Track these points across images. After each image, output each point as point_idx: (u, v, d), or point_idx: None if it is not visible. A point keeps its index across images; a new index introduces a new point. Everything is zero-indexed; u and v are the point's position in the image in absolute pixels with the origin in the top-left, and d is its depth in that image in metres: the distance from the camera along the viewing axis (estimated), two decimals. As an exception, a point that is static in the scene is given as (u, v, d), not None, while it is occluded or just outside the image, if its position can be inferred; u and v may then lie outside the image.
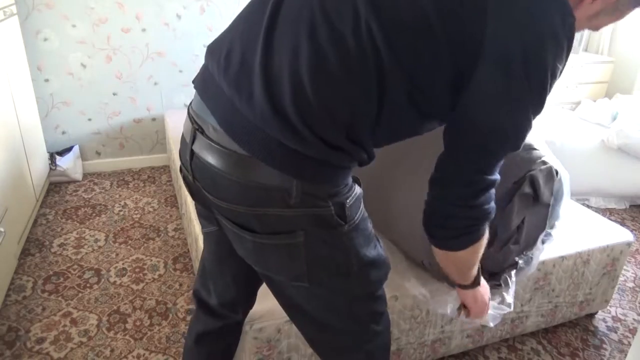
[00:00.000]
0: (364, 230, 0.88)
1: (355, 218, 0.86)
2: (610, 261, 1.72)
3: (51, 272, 2.03)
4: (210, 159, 0.82)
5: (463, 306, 1.16)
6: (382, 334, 1.01)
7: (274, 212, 0.80)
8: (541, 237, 1.43)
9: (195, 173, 0.88)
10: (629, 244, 1.72)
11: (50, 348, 1.64)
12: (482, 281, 1.10)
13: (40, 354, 1.61)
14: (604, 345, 1.76)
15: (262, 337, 1.25)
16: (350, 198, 0.84)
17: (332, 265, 0.87)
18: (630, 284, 2.11)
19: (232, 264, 1.04)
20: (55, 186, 2.78)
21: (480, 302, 1.12)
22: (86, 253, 2.16)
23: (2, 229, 1.76)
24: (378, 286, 0.96)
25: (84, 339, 1.68)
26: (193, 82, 0.90)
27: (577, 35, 3.59)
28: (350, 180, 0.86)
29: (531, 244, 1.41)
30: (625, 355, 1.69)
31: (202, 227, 1.06)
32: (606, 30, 3.77)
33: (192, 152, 0.86)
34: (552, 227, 1.44)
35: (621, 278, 2.13)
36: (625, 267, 2.21)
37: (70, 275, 2.01)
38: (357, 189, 0.88)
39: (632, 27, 3.69)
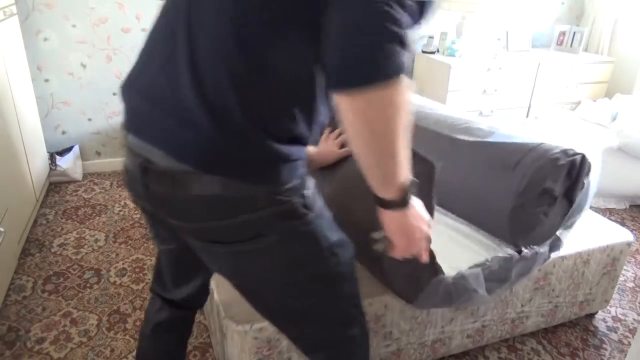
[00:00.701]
0: (326, 217, 0.90)
1: (318, 205, 0.87)
2: (610, 261, 1.73)
3: (51, 272, 2.03)
4: (167, 187, 0.81)
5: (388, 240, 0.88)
6: (361, 318, 1.03)
7: (242, 219, 0.80)
8: (550, 240, 1.41)
9: (154, 203, 0.87)
10: (629, 244, 1.72)
11: (50, 348, 1.64)
12: (417, 204, 0.84)
13: (40, 354, 1.61)
14: (604, 345, 1.76)
15: (262, 337, 1.25)
16: (307, 188, 0.85)
17: (307, 254, 0.87)
18: (630, 284, 2.11)
19: (190, 273, 1.09)
20: (55, 186, 2.78)
21: (409, 235, 0.84)
22: (86, 253, 2.16)
23: (2, 229, 1.76)
24: (349, 267, 0.96)
25: (84, 339, 1.68)
26: (124, 123, 0.88)
27: (577, 35, 3.56)
28: (304, 171, 0.85)
29: (539, 240, 1.39)
30: (625, 355, 1.69)
31: (159, 245, 1.07)
32: (606, 30, 3.77)
33: (146, 185, 0.84)
34: (569, 227, 1.41)
35: (621, 278, 2.13)
36: (625, 267, 2.21)
37: (70, 275, 2.01)
38: (311, 180, 0.88)
39: (632, 27, 3.69)
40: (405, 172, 0.76)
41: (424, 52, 3.52)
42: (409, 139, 0.72)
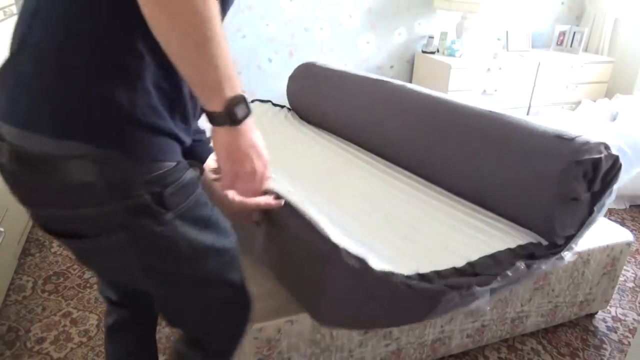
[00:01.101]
0: (197, 217, 0.80)
1: (182, 205, 0.77)
2: (610, 261, 1.73)
3: (51, 272, 2.03)
4: (12, 164, 0.73)
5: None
6: (241, 311, 1.00)
7: (85, 212, 0.72)
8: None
9: (10, 186, 0.78)
10: (629, 244, 1.72)
11: (50, 348, 1.64)
12: (254, 133, 0.77)
13: (40, 354, 1.61)
14: (604, 345, 1.76)
15: (262, 337, 1.25)
16: (173, 186, 0.74)
17: (164, 256, 0.80)
18: (630, 284, 2.11)
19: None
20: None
21: (236, 160, 0.76)
22: (86, 253, 2.16)
23: (2, 229, 1.76)
24: (223, 274, 0.90)
25: (84, 339, 1.68)
26: None
27: (577, 35, 3.56)
28: (171, 164, 0.74)
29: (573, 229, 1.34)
30: (625, 355, 1.69)
31: None
32: (606, 30, 3.77)
33: (2, 166, 0.76)
34: (580, 236, 1.35)
35: (621, 278, 2.13)
36: (625, 267, 2.21)
37: (70, 275, 2.01)
38: (187, 175, 0.77)
39: (632, 27, 3.69)
40: (230, 85, 0.69)
41: (424, 52, 3.52)
42: (225, 43, 0.68)
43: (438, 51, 3.53)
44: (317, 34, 3.25)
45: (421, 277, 1.16)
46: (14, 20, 2.36)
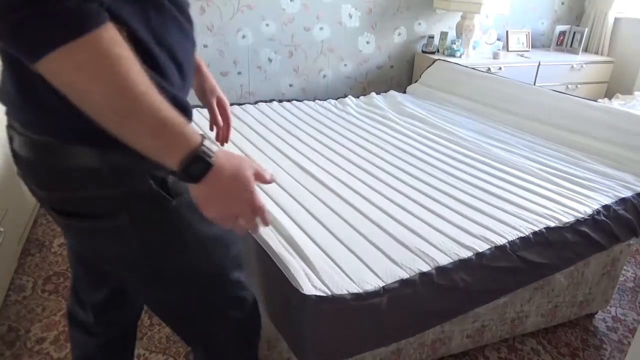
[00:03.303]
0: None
1: (185, 194, 0.76)
2: (610, 261, 1.73)
3: (51, 272, 2.03)
4: (21, 150, 0.76)
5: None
6: (246, 320, 0.99)
7: (93, 194, 0.74)
8: None
9: (22, 171, 0.81)
10: (629, 244, 1.73)
11: (50, 348, 1.64)
12: (229, 155, 0.73)
13: (41, 354, 1.61)
14: (604, 345, 1.76)
15: (262, 337, 1.25)
16: None
17: (166, 245, 0.80)
18: (630, 284, 2.11)
19: (98, 276, 1.05)
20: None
21: (219, 208, 0.73)
22: (86, 253, 2.17)
23: (2, 229, 1.76)
24: (226, 268, 0.90)
25: (84, 339, 1.68)
26: None
27: (577, 35, 3.57)
28: None
29: None
30: (625, 355, 1.69)
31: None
32: (606, 30, 3.77)
33: (13, 152, 0.80)
34: None
35: (621, 278, 2.13)
36: (625, 267, 2.21)
37: (70, 275, 2.01)
38: None
39: (632, 27, 3.69)
40: (175, 145, 0.65)
41: (424, 52, 3.52)
42: (154, 93, 0.62)
43: (438, 51, 3.53)
44: (317, 34, 3.25)
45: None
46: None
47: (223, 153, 0.71)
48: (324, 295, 1.09)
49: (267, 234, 1.29)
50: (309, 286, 1.11)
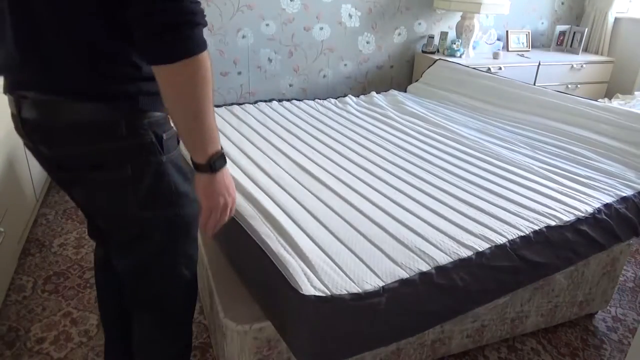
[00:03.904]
0: (179, 166, 0.98)
1: (172, 152, 0.96)
2: (610, 261, 1.73)
3: (51, 272, 2.03)
4: (36, 114, 0.89)
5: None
6: (191, 283, 1.12)
7: (105, 146, 0.89)
8: None
9: (31, 137, 0.93)
10: (628, 244, 1.72)
11: (50, 348, 1.64)
12: (227, 178, 0.96)
13: (41, 354, 1.61)
14: (604, 345, 1.76)
15: (262, 337, 1.25)
16: (167, 132, 0.94)
17: (155, 195, 0.96)
18: (630, 284, 2.11)
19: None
20: (56, 186, 2.78)
21: (212, 198, 0.94)
22: (86, 253, 2.16)
23: (2, 229, 1.76)
24: (193, 225, 1.05)
25: (84, 339, 1.68)
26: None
27: (577, 35, 3.57)
28: (165, 113, 0.94)
29: None
30: (625, 355, 1.69)
31: (61, 189, 1.14)
32: (606, 30, 3.77)
33: (22, 120, 0.91)
34: None
35: (621, 278, 2.13)
36: (625, 267, 2.21)
37: (70, 275, 2.01)
38: (174, 129, 0.94)
39: (632, 27, 3.69)
40: (213, 144, 0.90)
41: (424, 52, 3.52)
42: (212, 115, 0.87)
43: (438, 51, 3.53)
44: (317, 34, 3.25)
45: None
46: None
47: (227, 168, 0.96)
48: (323, 295, 1.09)
49: (266, 233, 1.29)
50: (308, 286, 1.11)
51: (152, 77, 0.83)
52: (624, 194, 1.64)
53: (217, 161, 0.91)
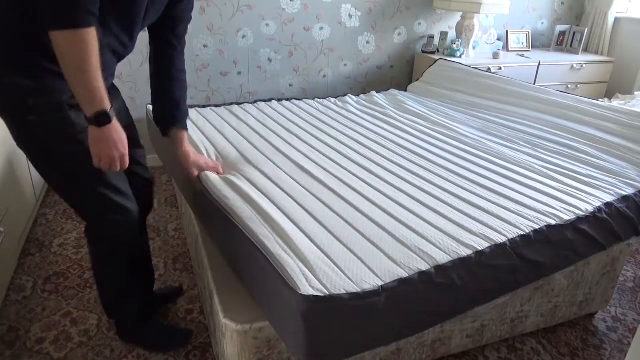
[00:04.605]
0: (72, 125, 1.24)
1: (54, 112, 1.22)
2: (610, 261, 1.72)
3: (51, 272, 2.03)
4: None
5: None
6: (125, 227, 1.39)
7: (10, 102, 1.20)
8: None
9: None
10: (628, 244, 1.72)
11: (50, 348, 1.64)
12: (116, 134, 1.19)
13: (41, 354, 1.61)
14: (604, 345, 1.76)
15: (262, 337, 1.25)
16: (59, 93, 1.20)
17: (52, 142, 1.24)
18: (630, 284, 2.11)
19: None
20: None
21: (98, 147, 1.19)
22: (86, 253, 2.16)
23: (2, 229, 1.76)
24: (104, 173, 1.29)
25: (84, 339, 1.68)
26: None
27: (577, 35, 3.56)
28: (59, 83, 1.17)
29: None
30: (625, 355, 1.69)
31: None
32: (606, 30, 3.77)
33: None
34: None
35: (621, 278, 2.13)
36: (625, 267, 2.21)
37: (70, 275, 2.01)
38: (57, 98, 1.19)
39: (632, 27, 3.69)
40: (99, 101, 1.12)
41: (424, 52, 3.52)
42: (96, 76, 1.09)
43: (438, 51, 3.53)
44: (317, 34, 3.25)
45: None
46: None
47: (118, 125, 1.20)
48: (322, 295, 1.09)
49: (264, 234, 1.29)
50: (307, 286, 1.11)
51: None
52: (625, 193, 1.64)
53: (100, 117, 1.14)
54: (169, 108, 1.56)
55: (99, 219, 1.38)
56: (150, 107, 2.35)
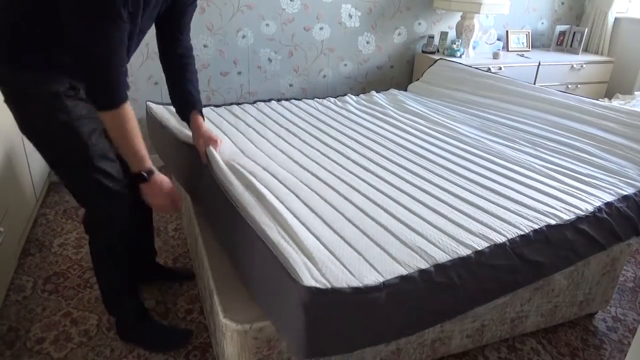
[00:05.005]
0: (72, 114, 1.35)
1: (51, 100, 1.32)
2: (610, 261, 1.73)
3: (51, 272, 2.03)
4: None
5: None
6: (113, 212, 1.45)
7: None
8: None
9: None
10: (628, 244, 1.72)
11: (50, 348, 1.64)
12: (161, 177, 1.42)
13: (41, 354, 1.61)
14: (604, 345, 1.76)
15: (262, 337, 1.25)
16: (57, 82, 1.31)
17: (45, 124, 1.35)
18: (630, 284, 2.11)
19: None
20: (56, 186, 2.78)
21: (149, 198, 1.42)
22: (86, 253, 2.16)
23: (2, 229, 1.76)
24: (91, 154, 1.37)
25: (84, 339, 1.68)
26: None
27: (577, 35, 3.56)
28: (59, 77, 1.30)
29: None
30: (625, 355, 1.69)
31: None
32: (606, 30, 3.77)
33: None
34: None
35: (621, 278, 2.13)
36: (625, 267, 2.21)
37: (70, 275, 2.01)
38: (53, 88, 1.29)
39: (632, 27, 3.69)
40: (140, 161, 1.34)
41: (424, 52, 3.52)
42: (140, 140, 1.32)
43: (438, 51, 3.53)
44: (317, 34, 3.25)
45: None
46: None
47: (160, 178, 1.42)
48: (324, 287, 1.09)
49: (266, 224, 1.29)
50: (309, 278, 1.11)
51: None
52: (625, 193, 1.64)
53: (141, 175, 1.37)
54: (182, 96, 1.69)
55: (92, 204, 1.46)
56: (151, 105, 2.37)
